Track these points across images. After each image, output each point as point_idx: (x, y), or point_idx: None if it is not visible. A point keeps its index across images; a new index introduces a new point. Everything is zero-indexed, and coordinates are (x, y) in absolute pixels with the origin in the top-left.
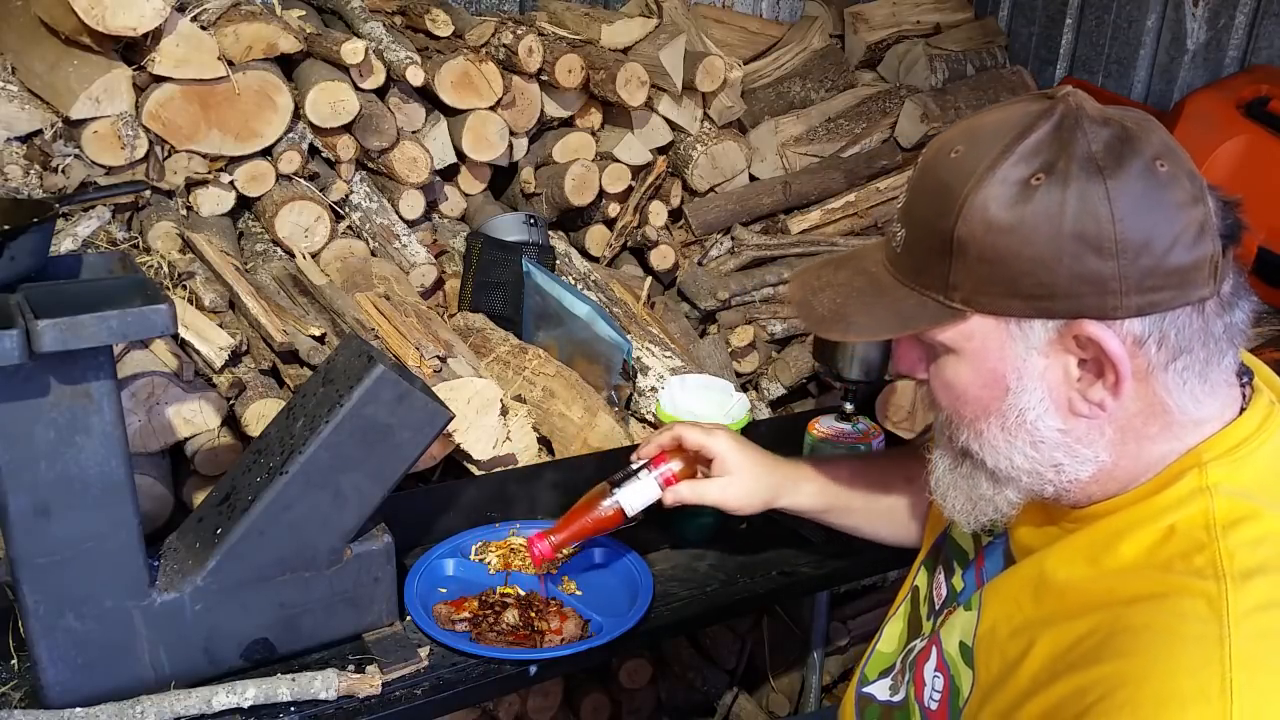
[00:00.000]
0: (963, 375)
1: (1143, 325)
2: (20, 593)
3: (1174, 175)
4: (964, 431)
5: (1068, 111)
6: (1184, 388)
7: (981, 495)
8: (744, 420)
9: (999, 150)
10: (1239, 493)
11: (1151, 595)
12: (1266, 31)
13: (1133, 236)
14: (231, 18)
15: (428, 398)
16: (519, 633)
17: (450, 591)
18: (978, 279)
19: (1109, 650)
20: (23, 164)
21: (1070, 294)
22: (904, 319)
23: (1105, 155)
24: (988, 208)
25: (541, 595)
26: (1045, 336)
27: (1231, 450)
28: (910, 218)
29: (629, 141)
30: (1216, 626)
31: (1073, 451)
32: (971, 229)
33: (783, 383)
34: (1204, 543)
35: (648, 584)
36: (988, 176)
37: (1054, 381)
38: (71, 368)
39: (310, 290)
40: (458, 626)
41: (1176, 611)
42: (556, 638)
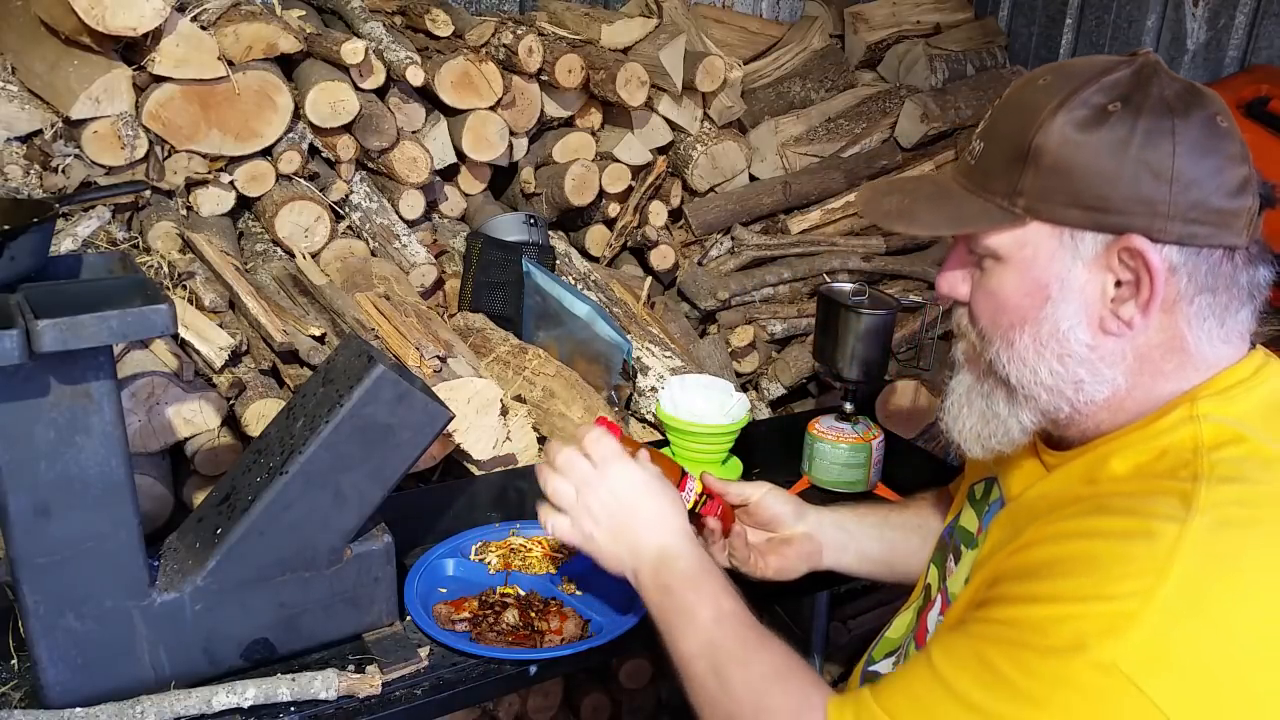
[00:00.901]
0: (1008, 283)
1: (1180, 255)
2: (20, 593)
3: (1230, 133)
4: (995, 343)
5: (1147, 63)
6: (1203, 325)
7: (996, 414)
8: (744, 420)
9: (1083, 81)
10: (1227, 421)
11: (1134, 491)
12: (1266, 31)
13: (1187, 170)
14: (231, 18)
15: (428, 398)
16: (519, 633)
17: (450, 591)
18: (1044, 187)
19: (1086, 512)
20: (23, 164)
21: (1124, 210)
22: (965, 218)
23: (1176, 100)
24: (1067, 124)
25: (541, 595)
26: (1094, 250)
27: (1224, 391)
28: (991, 133)
29: (629, 141)
30: (1183, 512)
31: (1095, 370)
32: (1048, 140)
33: (783, 383)
34: (1190, 460)
35: None
36: (1071, 98)
37: (1091, 297)
38: (71, 368)
39: (310, 290)
40: (458, 626)
41: (1151, 499)
42: (556, 638)
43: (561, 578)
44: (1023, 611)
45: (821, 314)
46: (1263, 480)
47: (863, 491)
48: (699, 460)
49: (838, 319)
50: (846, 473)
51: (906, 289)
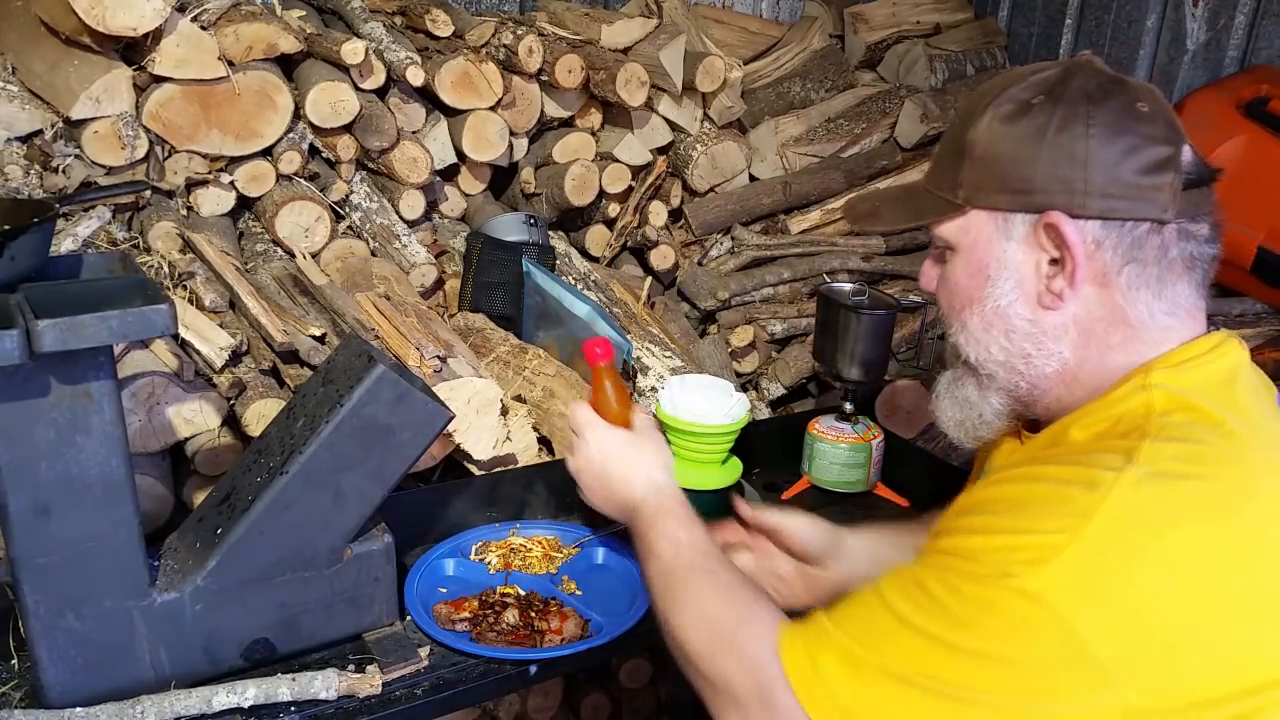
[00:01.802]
0: (958, 269)
1: (1102, 229)
2: (20, 593)
3: (1151, 117)
4: (954, 326)
5: (1077, 62)
6: (1138, 297)
7: (969, 400)
8: (744, 420)
9: (1015, 80)
10: (1181, 391)
11: (1086, 449)
12: (1266, 31)
13: (1099, 150)
14: (232, 18)
15: (428, 398)
16: (519, 633)
17: (450, 591)
18: (978, 177)
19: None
20: (23, 164)
21: (1045, 190)
22: (918, 212)
23: (1096, 90)
24: (994, 118)
25: (541, 595)
26: (1023, 230)
27: (1178, 364)
28: (943, 138)
29: (629, 141)
30: (1123, 464)
31: (1039, 343)
32: (979, 134)
33: (783, 383)
34: (1141, 424)
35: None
36: (1000, 96)
37: (1026, 273)
38: (72, 368)
39: (310, 290)
40: (458, 626)
41: (1098, 455)
42: (556, 638)
43: (561, 577)
44: (961, 541)
45: (821, 314)
46: (1208, 441)
47: (863, 491)
48: (699, 460)
49: (838, 319)
50: (846, 473)
51: (906, 289)
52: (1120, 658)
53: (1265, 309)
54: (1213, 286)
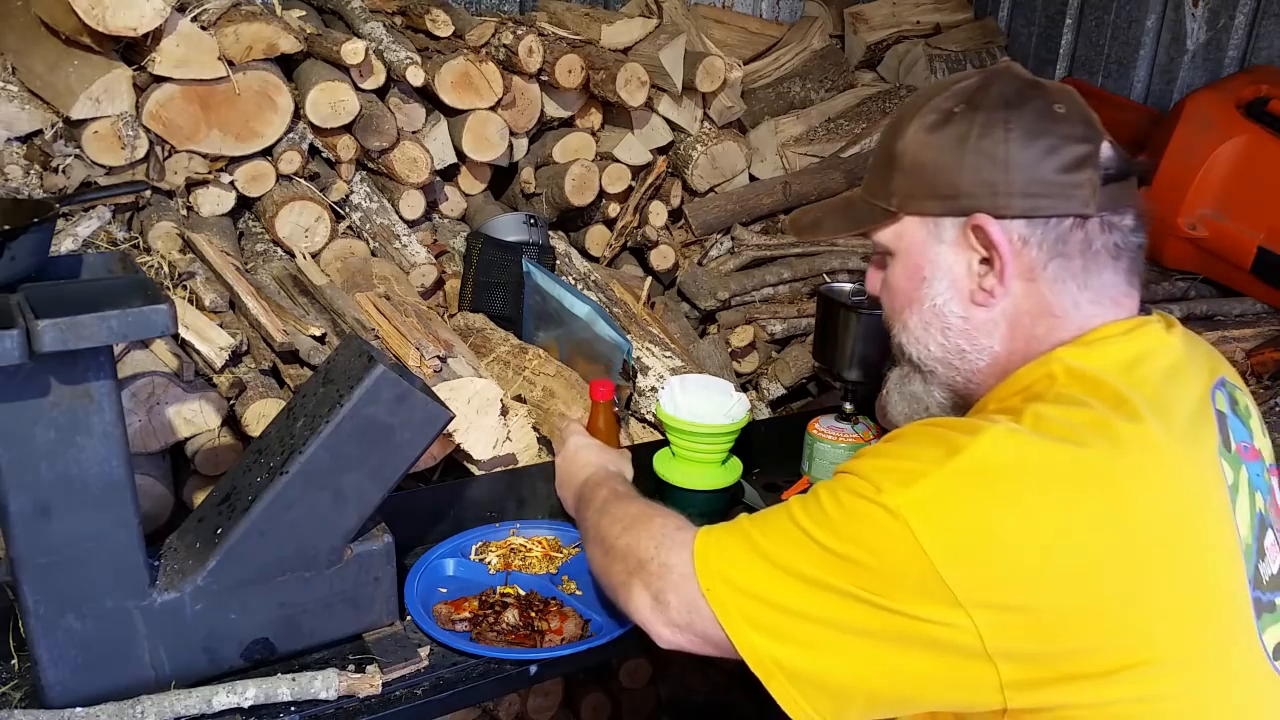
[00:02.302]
0: (896, 272)
1: (1027, 227)
2: (20, 593)
3: (1068, 117)
4: (895, 326)
5: (995, 70)
6: (1064, 289)
7: (916, 395)
8: (744, 420)
9: (938, 91)
10: (1078, 364)
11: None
12: (1266, 31)
13: (1019, 152)
14: (232, 18)
15: (428, 398)
16: (519, 633)
17: (450, 591)
18: (908, 185)
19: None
20: (23, 164)
21: (970, 194)
22: (856, 221)
23: (1014, 95)
24: (920, 128)
25: (540, 595)
26: (953, 233)
27: (1087, 344)
28: (874, 148)
29: (629, 141)
30: (1005, 420)
31: (972, 339)
32: (906, 144)
33: (783, 383)
34: (1040, 392)
35: None
36: (924, 107)
37: (959, 274)
38: (72, 368)
39: (310, 290)
40: (458, 626)
41: (991, 415)
42: (557, 637)
43: (561, 577)
44: (856, 463)
45: (821, 314)
46: (1094, 408)
47: None
48: (699, 460)
49: (837, 319)
50: None
51: None
52: (969, 584)
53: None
54: (1213, 286)
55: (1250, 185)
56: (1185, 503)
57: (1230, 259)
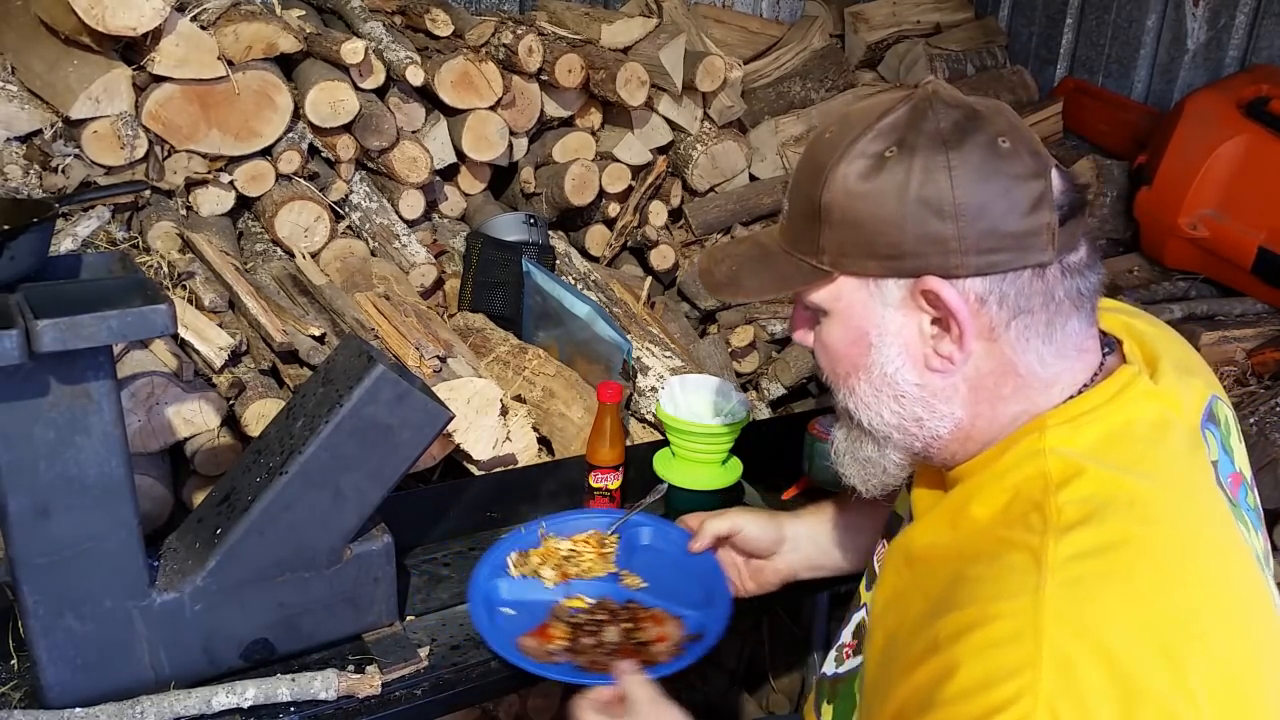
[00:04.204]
0: (834, 334)
1: (984, 285)
2: (20, 593)
3: (1015, 151)
4: (841, 390)
5: (923, 96)
6: (1028, 346)
7: (868, 458)
8: (744, 420)
9: (861, 129)
10: (1073, 453)
11: (988, 552)
12: (1266, 31)
13: (970, 201)
14: (231, 17)
15: (427, 398)
16: (625, 647)
17: (521, 617)
18: (840, 242)
19: (945, 605)
20: (23, 164)
21: (916, 253)
22: (783, 280)
23: (951, 131)
24: (847, 177)
25: (615, 601)
26: (898, 294)
27: (1075, 418)
28: (793, 192)
29: (629, 141)
30: (1035, 575)
31: (931, 407)
32: (834, 196)
33: (783, 383)
34: (1039, 501)
35: (710, 565)
36: (849, 150)
37: (910, 338)
38: (71, 368)
39: (310, 290)
40: (555, 658)
41: (1005, 565)
42: (663, 644)
43: (620, 574)
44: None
45: None
46: (1107, 517)
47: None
48: (699, 460)
49: None
50: None
51: None
52: None
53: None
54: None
55: (1251, 185)
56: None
57: (1231, 259)
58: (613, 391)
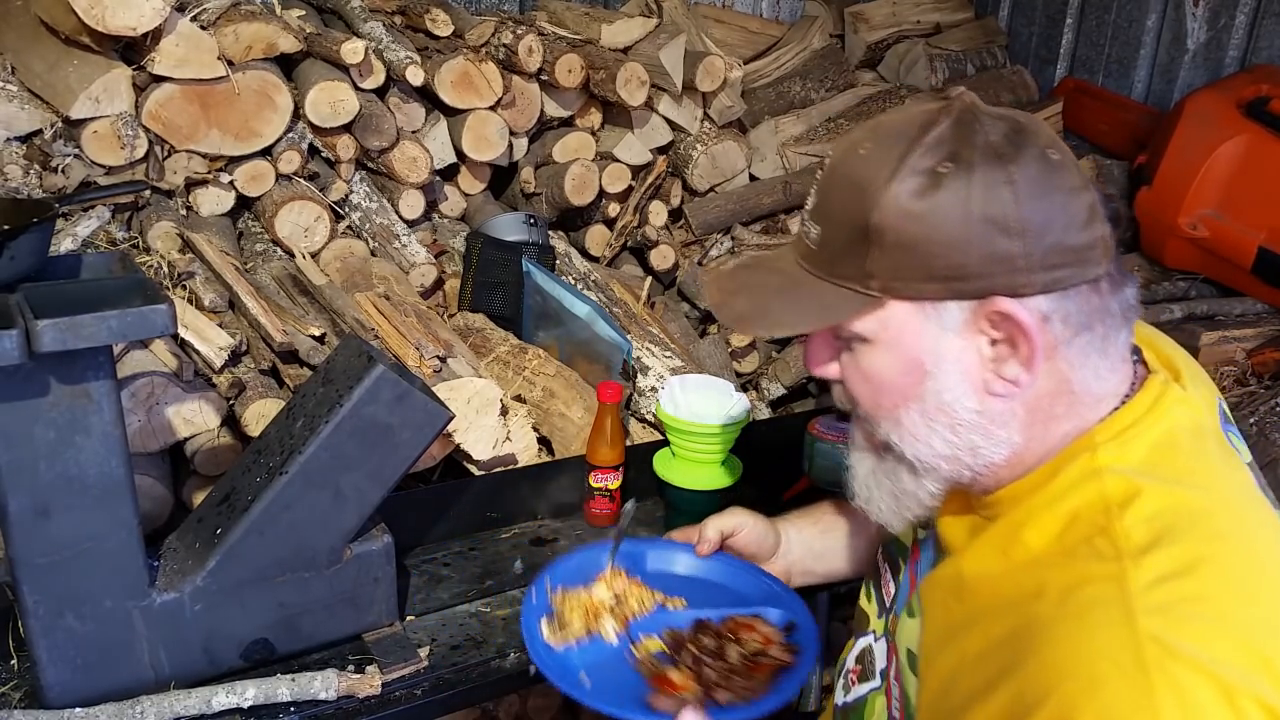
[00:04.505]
0: (881, 364)
1: (1049, 303)
2: (20, 593)
3: (1064, 163)
4: (883, 424)
5: (965, 108)
6: (1087, 363)
7: (904, 490)
8: (744, 420)
9: (906, 144)
10: (1128, 471)
11: (1059, 586)
12: (1266, 31)
13: (1034, 217)
14: (231, 17)
15: (427, 398)
16: (755, 663)
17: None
18: (894, 265)
19: (1029, 648)
20: (23, 164)
21: (982, 274)
22: (825, 310)
23: (1004, 144)
24: (900, 196)
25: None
26: (960, 318)
27: (1122, 433)
28: (824, 214)
29: (629, 141)
30: (1121, 607)
31: (988, 433)
32: (886, 217)
33: (783, 383)
34: (1103, 525)
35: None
36: (899, 167)
37: (969, 363)
38: (71, 368)
39: (310, 290)
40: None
41: (1083, 599)
42: (773, 645)
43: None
44: None
45: None
46: (1177, 537)
47: None
48: (699, 460)
49: None
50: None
51: None
52: None
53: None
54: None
55: (1251, 185)
56: None
57: (1231, 259)
58: (613, 391)
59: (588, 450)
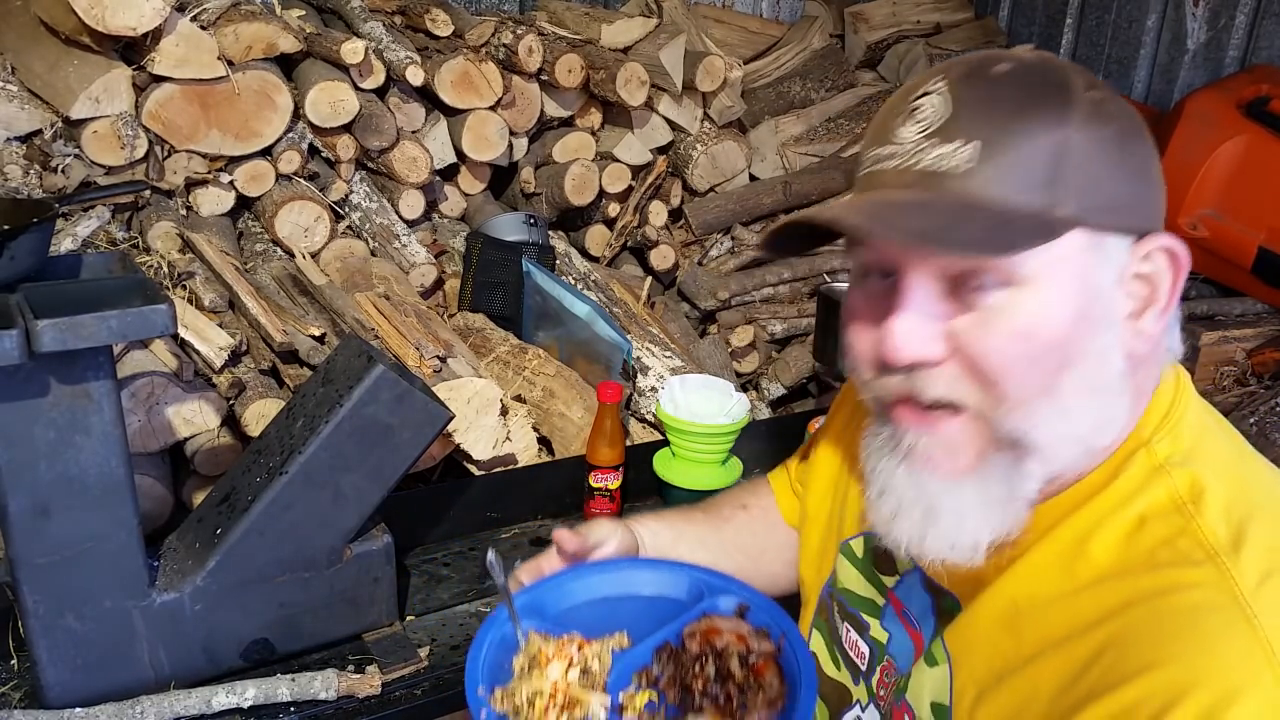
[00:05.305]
0: (1049, 312)
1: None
2: (20, 593)
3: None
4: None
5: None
6: (1174, 329)
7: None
8: (744, 420)
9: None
10: (1187, 462)
11: (1151, 594)
12: (1266, 31)
13: (1152, 163)
14: (231, 17)
15: (427, 398)
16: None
17: None
18: (1081, 189)
19: (1136, 663)
20: (23, 164)
21: (1137, 207)
22: (1017, 235)
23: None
24: (1085, 118)
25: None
26: (1123, 257)
27: (1164, 421)
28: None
29: (629, 141)
30: (1236, 609)
31: (1120, 405)
32: (1073, 136)
33: (783, 383)
34: (1182, 526)
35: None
36: (1069, 89)
37: (1117, 314)
38: (71, 368)
39: (310, 290)
40: None
41: (1189, 605)
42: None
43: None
44: None
45: (821, 314)
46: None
47: None
48: (699, 460)
49: (838, 319)
50: None
51: None
52: None
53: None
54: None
55: (1250, 185)
56: None
57: (1231, 259)
58: (613, 391)
59: (588, 450)
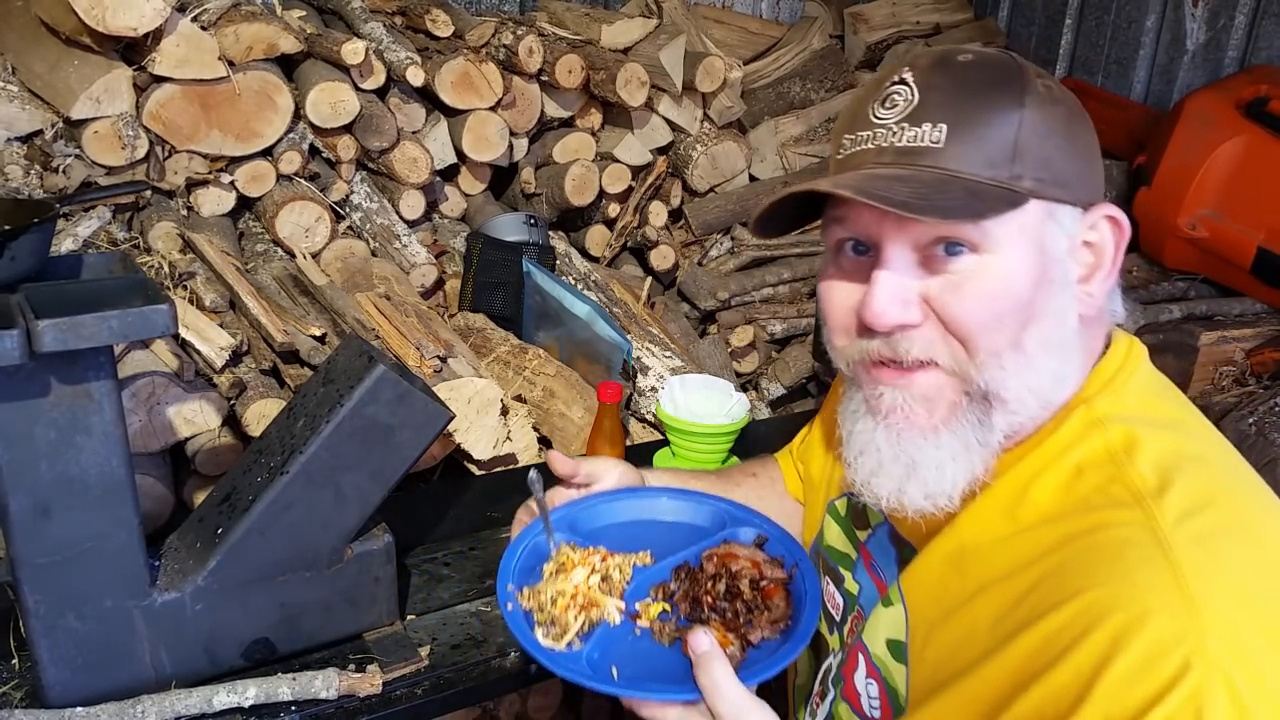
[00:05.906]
0: (1011, 275)
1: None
2: (21, 593)
3: None
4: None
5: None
6: (1116, 293)
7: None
8: (744, 420)
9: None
10: (1125, 419)
11: (1083, 531)
12: (1266, 31)
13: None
14: (232, 18)
15: (428, 398)
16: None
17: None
18: (1038, 164)
19: (1064, 592)
20: (23, 164)
21: (1082, 182)
22: (985, 204)
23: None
24: (1036, 100)
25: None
26: (1074, 226)
27: (1109, 382)
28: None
29: (629, 142)
30: (1155, 544)
31: (1072, 361)
32: (1027, 118)
33: (783, 383)
34: (1113, 473)
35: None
36: (1023, 72)
37: (1071, 276)
38: (72, 368)
39: (310, 290)
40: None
41: (1113, 542)
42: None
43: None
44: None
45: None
46: (1182, 477)
47: None
48: (699, 460)
49: None
50: None
51: None
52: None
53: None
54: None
55: (1250, 185)
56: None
57: (1230, 259)
58: (613, 391)
59: (588, 450)
